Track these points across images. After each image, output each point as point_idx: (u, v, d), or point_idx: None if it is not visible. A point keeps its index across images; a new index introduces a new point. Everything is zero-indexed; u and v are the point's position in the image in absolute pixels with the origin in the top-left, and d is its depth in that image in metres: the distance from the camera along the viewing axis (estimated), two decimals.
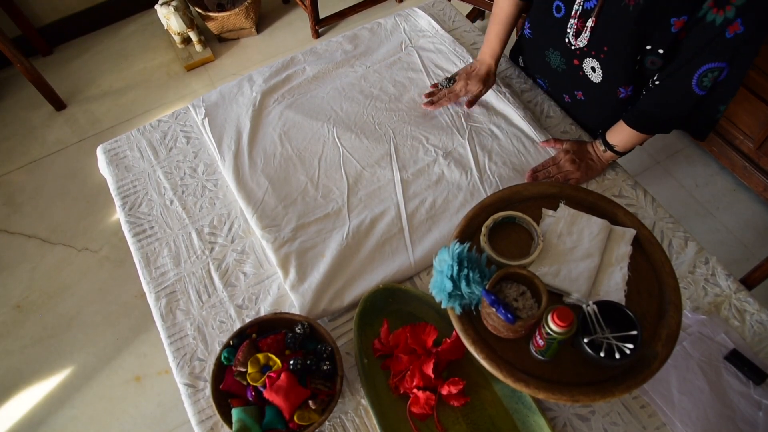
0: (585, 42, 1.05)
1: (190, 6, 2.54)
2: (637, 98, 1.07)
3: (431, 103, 1.23)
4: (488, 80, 1.22)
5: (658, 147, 2.18)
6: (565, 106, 1.28)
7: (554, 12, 1.08)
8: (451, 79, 1.25)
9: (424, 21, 1.46)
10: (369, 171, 1.17)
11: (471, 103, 1.24)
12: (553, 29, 1.11)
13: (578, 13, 1.03)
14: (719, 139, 1.98)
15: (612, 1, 0.96)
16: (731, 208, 2.01)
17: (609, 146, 1.11)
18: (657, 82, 1.00)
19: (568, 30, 1.07)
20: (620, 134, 1.10)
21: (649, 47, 0.96)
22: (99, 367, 1.79)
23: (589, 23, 1.02)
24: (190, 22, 2.48)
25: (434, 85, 1.27)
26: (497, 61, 1.24)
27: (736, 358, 0.93)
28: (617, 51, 1.01)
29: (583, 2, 1.01)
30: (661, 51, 0.95)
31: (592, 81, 1.11)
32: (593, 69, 1.09)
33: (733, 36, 0.87)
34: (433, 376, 0.89)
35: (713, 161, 2.12)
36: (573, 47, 1.08)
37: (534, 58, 1.27)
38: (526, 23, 1.23)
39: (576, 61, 1.11)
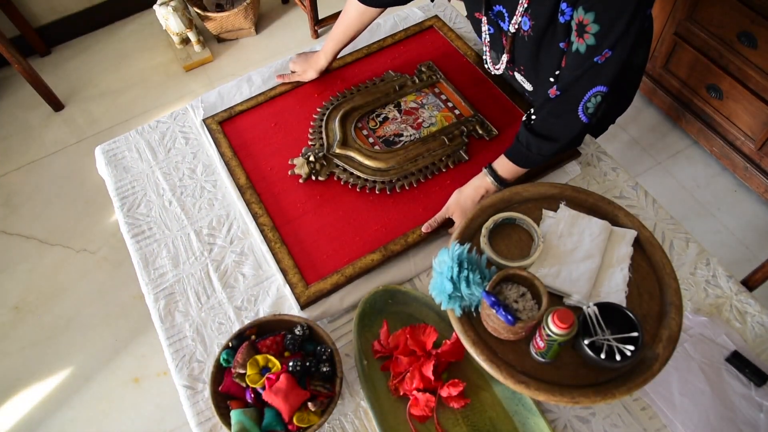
0: (501, 70, 1.16)
1: (189, 6, 2.53)
2: None
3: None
4: (309, 74, 1.32)
5: (659, 148, 2.18)
6: None
7: (484, 36, 1.13)
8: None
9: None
10: None
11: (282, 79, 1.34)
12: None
13: (488, 41, 1.13)
14: (720, 140, 1.98)
15: (516, 34, 1.02)
16: (732, 209, 2.01)
17: (500, 180, 1.04)
18: (533, 117, 0.99)
19: (484, 57, 1.17)
20: (504, 166, 1.04)
21: (557, 72, 1.00)
22: (97, 368, 1.79)
23: (504, 58, 1.10)
24: (189, 22, 2.48)
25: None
26: (331, 60, 1.32)
27: (737, 359, 0.93)
28: (532, 71, 1.08)
29: (488, 32, 1.10)
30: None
31: (527, 89, 1.18)
32: (523, 80, 1.16)
33: (605, 61, 0.86)
34: (432, 377, 0.89)
35: (714, 162, 2.12)
36: (492, 71, 1.19)
37: None
38: None
39: (511, 72, 1.18)
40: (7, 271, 2.01)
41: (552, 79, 1.04)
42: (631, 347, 0.74)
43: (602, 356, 0.75)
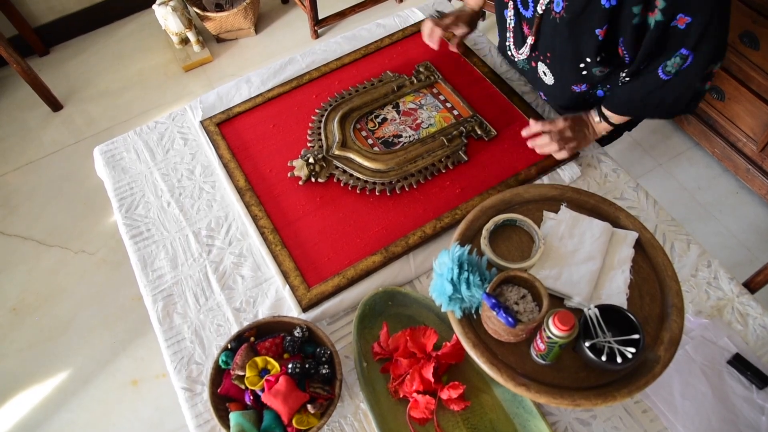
0: (525, 55, 1.14)
1: (188, 6, 2.53)
2: (593, 92, 1.11)
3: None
4: (473, 23, 1.31)
5: (661, 149, 2.18)
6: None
7: (507, 18, 1.14)
8: (442, 14, 1.31)
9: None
10: None
11: (459, 46, 1.33)
12: (504, 35, 1.18)
13: (512, 27, 1.12)
14: (722, 142, 1.98)
15: (545, 15, 1.01)
16: (734, 210, 2.00)
17: (604, 117, 1.12)
18: (627, 79, 1.04)
19: (507, 42, 1.17)
20: (607, 111, 1.11)
21: (588, 59, 1.01)
22: (96, 370, 1.78)
23: (529, 40, 1.09)
24: (188, 22, 2.47)
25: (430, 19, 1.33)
26: (481, 7, 1.33)
27: (738, 362, 0.92)
28: (560, 59, 1.07)
29: (514, 16, 1.09)
30: (599, 59, 1.00)
31: (546, 83, 1.18)
32: (544, 73, 1.15)
33: (685, 26, 0.89)
34: (432, 380, 0.88)
35: (716, 163, 2.11)
36: (515, 57, 1.18)
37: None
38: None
39: (533, 63, 1.17)
40: (5, 272, 2.01)
41: (582, 65, 1.03)
42: (633, 349, 0.74)
43: (603, 358, 0.74)
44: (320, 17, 2.63)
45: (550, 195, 0.97)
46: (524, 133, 1.13)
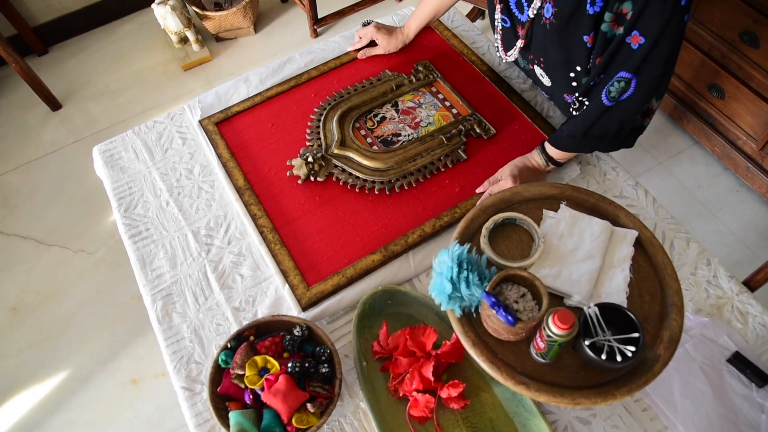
0: (513, 57, 1.14)
1: (187, 5, 2.52)
2: (581, 108, 1.08)
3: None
4: (394, 45, 1.35)
5: (660, 147, 2.17)
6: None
7: (497, 23, 1.13)
8: (370, 22, 1.37)
9: None
10: None
11: (364, 54, 1.36)
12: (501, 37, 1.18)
13: (500, 29, 1.11)
14: (722, 140, 1.98)
15: (536, 20, 1.01)
16: (734, 209, 2.00)
17: (548, 157, 1.09)
18: (583, 100, 1.04)
19: (496, 44, 1.17)
20: (550, 148, 1.09)
21: (578, 68, 1.01)
22: (95, 369, 1.78)
23: (519, 43, 1.09)
24: (187, 21, 2.47)
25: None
26: (410, 38, 1.37)
27: (738, 360, 0.92)
28: (552, 64, 1.07)
29: (506, 18, 1.09)
30: (588, 67, 0.99)
31: (545, 84, 1.17)
32: (542, 75, 1.14)
33: (637, 47, 0.89)
34: (432, 378, 0.88)
35: (716, 162, 2.11)
36: (503, 59, 1.18)
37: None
38: None
39: (531, 66, 1.17)
40: (4, 271, 2.00)
41: (572, 74, 1.03)
42: (632, 348, 0.74)
43: (603, 357, 0.74)
44: (319, 16, 2.62)
45: (549, 193, 0.97)
46: (478, 190, 1.12)
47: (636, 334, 0.75)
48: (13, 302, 1.93)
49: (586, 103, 1.03)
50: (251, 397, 0.87)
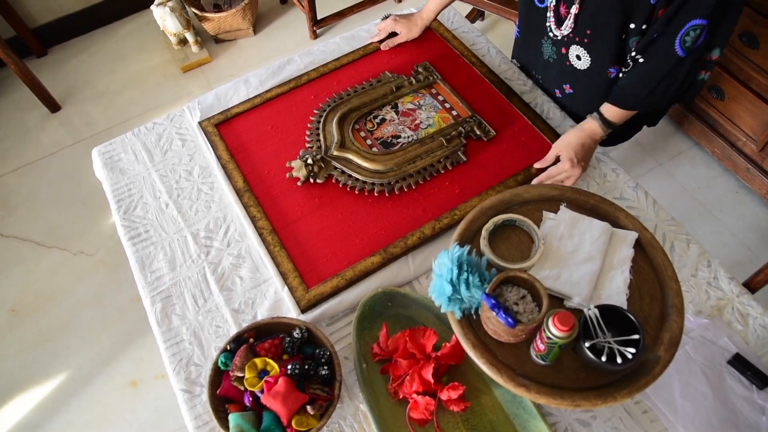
0: (569, 29, 1.08)
1: (187, 7, 2.52)
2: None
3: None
4: (416, 31, 1.38)
5: (660, 149, 2.17)
6: (558, 101, 1.30)
7: (537, 2, 1.10)
8: (388, 16, 1.40)
9: None
10: None
11: (387, 45, 1.38)
12: (538, 20, 1.14)
13: (553, 4, 1.08)
14: (722, 141, 1.98)
15: None
16: (734, 210, 2.00)
17: (604, 120, 1.09)
18: (638, 57, 1.02)
19: (548, 21, 1.12)
20: (610, 110, 1.09)
21: (632, 25, 0.98)
22: (95, 371, 1.78)
23: (573, 10, 1.04)
24: (187, 23, 2.47)
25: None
26: (430, 20, 1.39)
27: (739, 362, 0.92)
28: (601, 32, 1.04)
29: None
30: (644, 27, 0.98)
31: (578, 69, 1.14)
32: (578, 57, 1.12)
33: None
34: (432, 380, 0.88)
35: (716, 163, 2.11)
36: (557, 36, 1.12)
37: (528, 50, 1.30)
38: (517, 22, 1.28)
39: (564, 50, 1.14)
40: (3, 273, 2.00)
41: (624, 36, 1.01)
42: (633, 350, 0.74)
43: (603, 359, 0.74)
44: (319, 18, 2.62)
45: (549, 195, 0.97)
46: (537, 165, 1.13)
47: (636, 336, 0.75)
48: (13, 304, 1.93)
49: (641, 60, 1.01)
50: (251, 399, 0.87)
